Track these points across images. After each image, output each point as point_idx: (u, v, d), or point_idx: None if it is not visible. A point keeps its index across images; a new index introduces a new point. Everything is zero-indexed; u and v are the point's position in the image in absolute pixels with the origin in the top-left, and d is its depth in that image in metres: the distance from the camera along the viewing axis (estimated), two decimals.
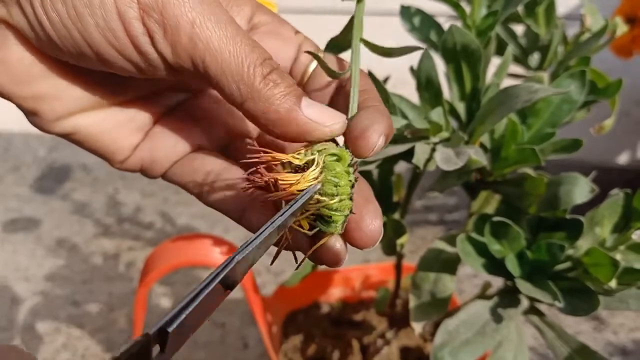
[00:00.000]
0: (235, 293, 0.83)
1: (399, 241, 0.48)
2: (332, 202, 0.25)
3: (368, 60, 0.42)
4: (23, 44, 0.25)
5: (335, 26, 0.34)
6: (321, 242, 0.25)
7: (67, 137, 0.28)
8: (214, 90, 0.27)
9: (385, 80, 0.46)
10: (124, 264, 0.90)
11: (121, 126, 0.29)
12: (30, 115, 0.27)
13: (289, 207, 0.24)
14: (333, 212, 0.25)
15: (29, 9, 0.23)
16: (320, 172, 0.25)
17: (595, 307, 0.36)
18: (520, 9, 0.48)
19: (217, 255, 0.55)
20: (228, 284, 0.22)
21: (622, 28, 0.48)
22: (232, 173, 0.29)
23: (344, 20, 0.32)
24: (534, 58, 0.50)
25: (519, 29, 0.51)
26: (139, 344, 0.19)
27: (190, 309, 0.20)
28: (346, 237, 0.26)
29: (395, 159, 0.43)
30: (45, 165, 1.15)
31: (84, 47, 0.24)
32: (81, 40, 0.23)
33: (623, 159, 1.00)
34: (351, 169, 0.26)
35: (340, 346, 0.61)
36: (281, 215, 0.24)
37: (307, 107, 0.25)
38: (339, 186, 0.25)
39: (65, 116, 0.27)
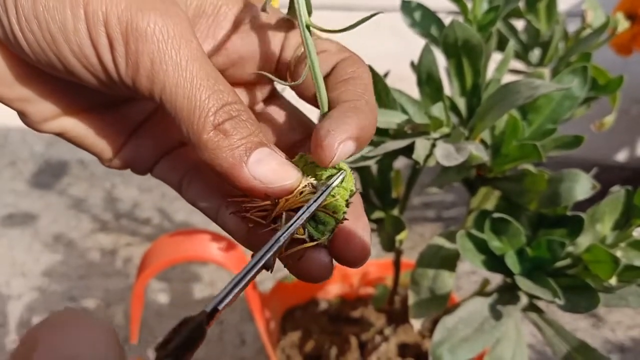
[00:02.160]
0: None
1: (398, 237, 0.48)
2: (330, 201, 0.24)
3: (369, 56, 0.41)
4: (4, 49, 0.25)
5: (334, 22, 0.34)
6: (305, 245, 0.24)
7: (58, 135, 0.28)
8: None
9: (386, 75, 0.45)
10: (121, 259, 0.90)
11: (106, 127, 0.29)
12: (20, 115, 0.27)
13: (321, 194, 0.24)
14: (326, 213, 0.25)
15: (6, 21, 0.23)
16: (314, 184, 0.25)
17: (596, 305, 0.36)
18: (521, 4, 0.48)
19: (214, 251, 0.55)
20: (267, 265, 0.23)
21: (623, 24, 0.48)
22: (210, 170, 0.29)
23: (343, 15, 0.32)
24: (535, 54, 0.49)
25: (519, 24, 0.51)
26: (197, 321, 0.20)
27: (240, 287, 0.21)
28: (335, 253, 0.25)
29: (395, 154, 0.43)
30: (42, 160, 1.14)
31: (57, 65, 0.24)
32: (56, 60, 0.24)
33: (621, 156, 1.00)
34: (353, 181, 0.26)
35: (338, 343, 0.60)
36: (314, 201, 0.24)
37: (255, 163, 0.24)
38: (341, 187, 0.25)
39: (51, 118, 0.27)
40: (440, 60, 0.40)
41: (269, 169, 0.24)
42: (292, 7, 0.28)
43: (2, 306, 0.82)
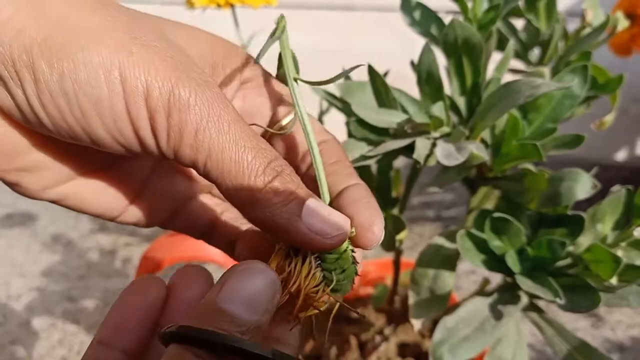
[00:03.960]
0: None
1: (398, 237, 0.48)
2: (339, 277, 0.25)
3: (369, 55, 0.41)
4: (7, 120, 0.23)
5: (331, 21, 0.34)
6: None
7: (55, 202, 0.27)
8: None
9: (385, 74, 0.45)
10: (120, 259, 0.90)
11: (110, 189, 0.28)
12: (13, 186, 0.26)
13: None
14: (343, 284, 0.26)
15: (20, 96, 0.21)
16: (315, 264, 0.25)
17: (596, 304, 0.36)
18: (520, 3, 0.48)
19: (213, 251, 0.55)
20: None
21: (623, 23, 0.48)
22: (232, 213, 0.30)
23: (341, 15, 0.32)
24: (535, 53, 0.49)
25: (519, 23, 0.51)
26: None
27: None
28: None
29: (395, 154, 0.43)
30: None
31: (82, 137, 0.23)
32: (82, 134, 0.23)
33: (621, 156, 1.00)
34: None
35: (338, 342, 0.60)
36: None
37: (308, 215, 0.24)
38: (341, 259, 0.26)
39: (51, 186, 0.26)
40: (440, 59, 0.40)
41: (322, 220, 0.24)
42: (280, 65, 0.29)
43: (2, 306, 0.81)
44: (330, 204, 0.27)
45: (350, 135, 0.41)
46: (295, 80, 0.28)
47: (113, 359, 0.24)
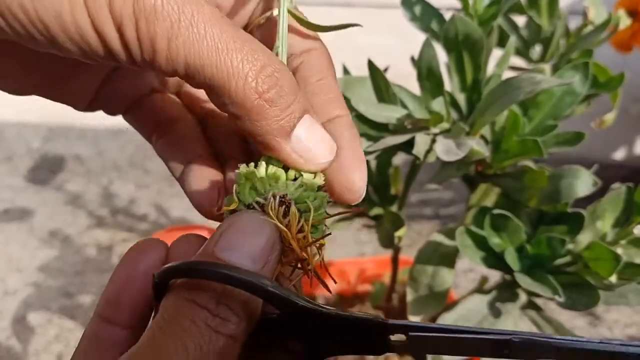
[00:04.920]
0: None
1: (397, 234, 0.48)
2: (316, 214, 0.23)
3: (369, 53, 0.41)
4: None
5: (332, 18, 0.33)
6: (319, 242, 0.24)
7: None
8: None
9: (385, 69, 0.45)
10: (117, 255, 0.90)
11: (77, 82, 0.27)
12: None
13: None
14: (321, 213, 0.24)
15: None
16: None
17: (596, 302, 0.36)
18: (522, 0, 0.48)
19: None
20: None
21: (625, 21, 0.48)
22: (183, 123, 0.28)
23: (341, 11, 0.31)
24: (536, 50, 0.49)
25: (520, 20, 0.50)
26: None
27: None
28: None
29: (394, 150, 0.43)
30: (38, 155, 1.13)
31: (52, 50, 0.21)
32: (50, 46, 0.21)
33: (620, 155, 1.00)
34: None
35: None
36: None
37: (299, 137, 0.22)
38: (311, 194, 0.24)
39: (20, 91, 0.26)
40: (441, 56, 0.40)
41: (309, 146, 0.23)
42: None
43: None
44: None
45: None
46: (290, 13, 0.25)
47: (113, 335, 0.23)
